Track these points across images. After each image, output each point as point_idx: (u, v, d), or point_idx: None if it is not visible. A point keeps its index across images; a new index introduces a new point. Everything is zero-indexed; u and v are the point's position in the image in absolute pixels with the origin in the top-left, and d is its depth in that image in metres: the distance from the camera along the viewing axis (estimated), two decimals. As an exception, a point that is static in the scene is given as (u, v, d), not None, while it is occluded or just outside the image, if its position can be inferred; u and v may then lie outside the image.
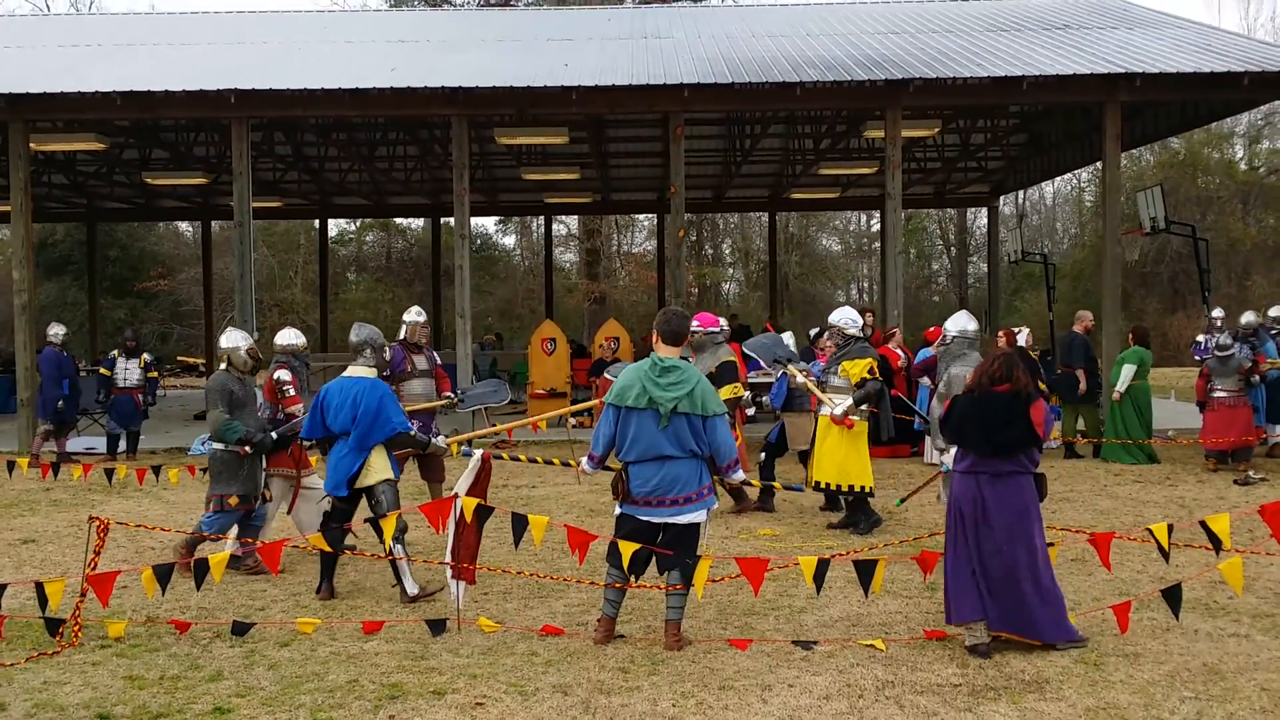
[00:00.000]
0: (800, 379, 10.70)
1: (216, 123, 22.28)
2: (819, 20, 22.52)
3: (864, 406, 10.11)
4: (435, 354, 11.75)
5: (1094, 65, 17.10)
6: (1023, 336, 14.89)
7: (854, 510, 10.25)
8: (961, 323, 8.63)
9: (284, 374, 9.46)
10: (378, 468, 7.95)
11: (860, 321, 10.67)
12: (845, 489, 10.13)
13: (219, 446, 8.75)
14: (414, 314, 11.71)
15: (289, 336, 9.87)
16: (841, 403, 10.04)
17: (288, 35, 21.72)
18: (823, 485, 10.25)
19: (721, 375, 10.52)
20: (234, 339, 9.04)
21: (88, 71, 18.26)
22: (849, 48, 19.30)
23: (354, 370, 8.15)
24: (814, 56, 18.60)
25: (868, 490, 10.15)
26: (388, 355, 8.59)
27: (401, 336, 11.55)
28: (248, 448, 8.64)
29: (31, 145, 17.98)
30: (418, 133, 24.89)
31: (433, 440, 8.65)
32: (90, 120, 19.17)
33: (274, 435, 8.87)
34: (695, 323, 10.78)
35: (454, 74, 17.58)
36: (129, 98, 16.67)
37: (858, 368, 10.16)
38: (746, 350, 12.02)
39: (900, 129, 17.37)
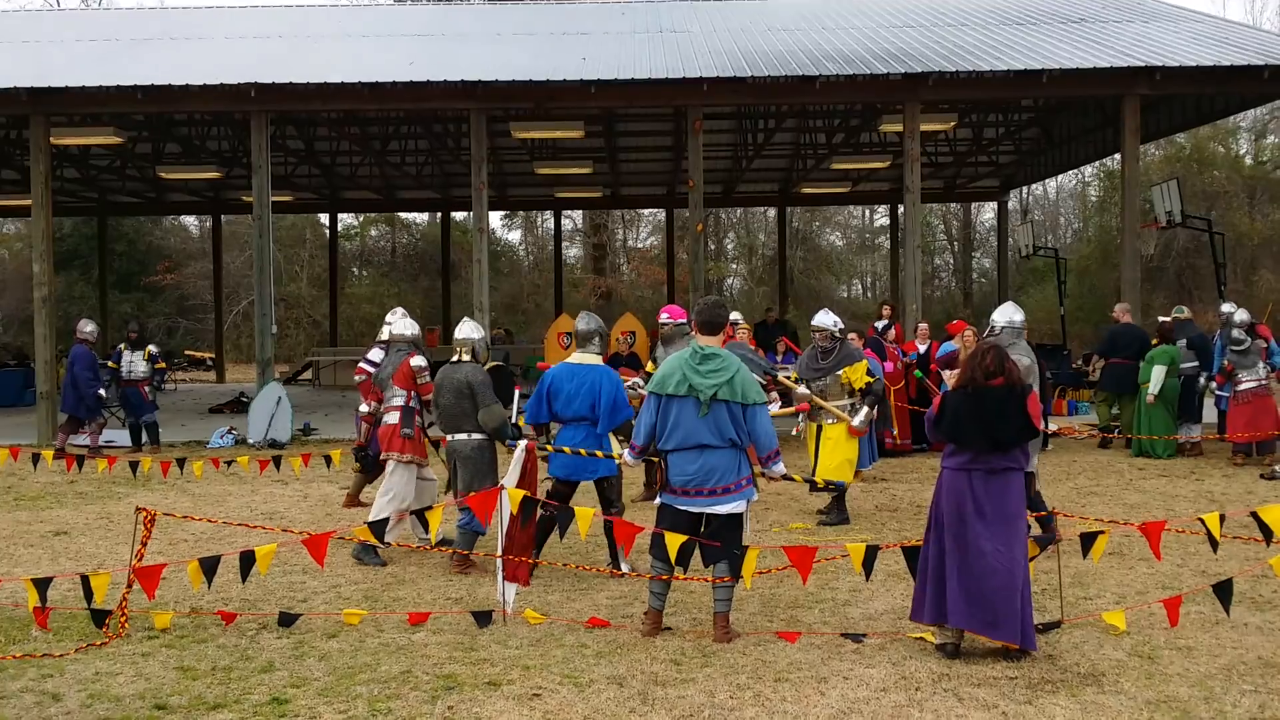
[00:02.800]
0: (803, 390, 10.50)
1: (231, 116, 22.27)
2: (835, 14, 22.48)
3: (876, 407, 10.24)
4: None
5: (1113, 59, 17.10)
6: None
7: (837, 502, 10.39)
8: (1009, 313, 8.64)
9: (420, 360, 9.30)
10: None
11: (841, 323, 10.73)
12: (835, 484, 10.05)
13: (481, 438, 8.60)
14: (400, 314, 11.53)
15: (409, 327, 9.71)
16: (859, 412, 10.18)
17: (303, 29, 21.69)
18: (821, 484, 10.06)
19: None
20: (471, 330, 8.88)
21: (107, 66, 18.27)
22: (866, 41, 19.29)
23: (583, 357, 8.29)
24: (831, 50, 18.59)
25: (846, 485, 10.29)
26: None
27: (385, 338, 11.33)
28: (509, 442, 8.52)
29: (50, 139, 17.95)
30: (431, 127, 24.87)
31: None
32: (109, 114, 19.16)
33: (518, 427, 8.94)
34: (664, 315, 11.17)
35: (472, 68, 17.54)
36: (149, 92, 16.67)
37: (858, 373, 10.27)
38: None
39: (919, 123, 17.36)
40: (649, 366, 12.27)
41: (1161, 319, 15.33)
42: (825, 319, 10.65)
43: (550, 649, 6.50)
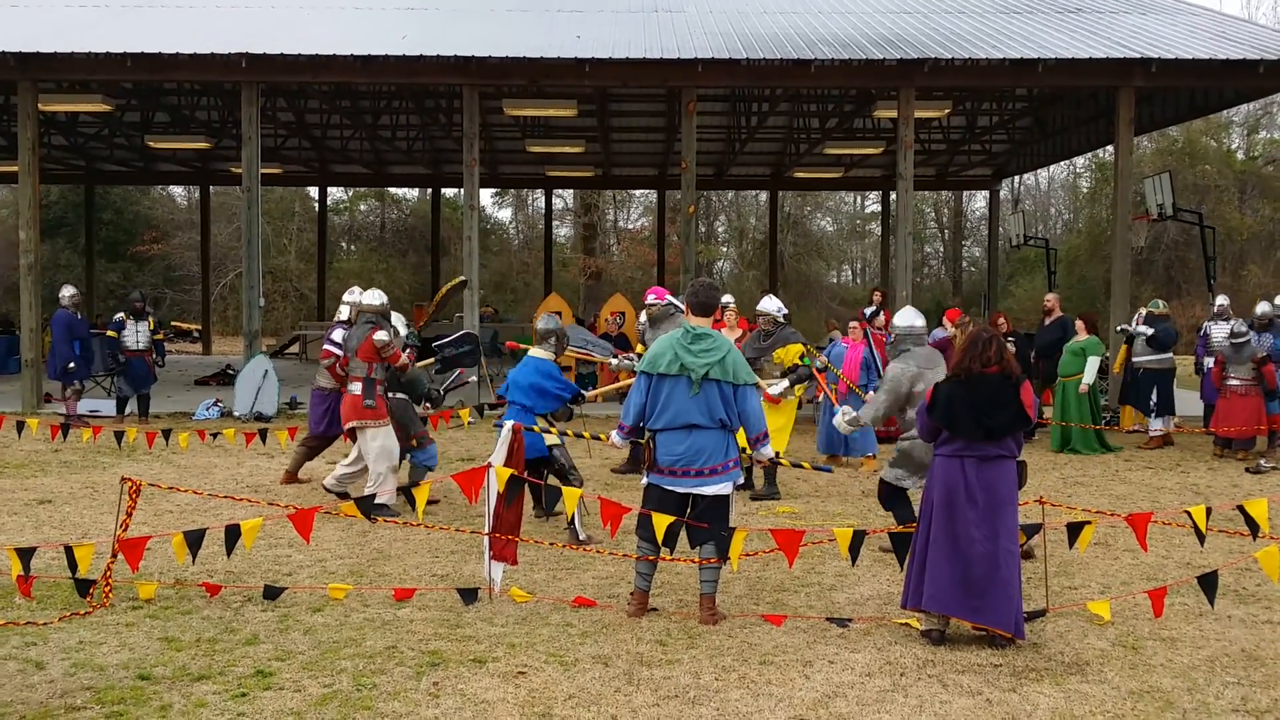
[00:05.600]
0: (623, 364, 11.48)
1: (221, 87, 22.14)
2: (830, -3, 22.41)
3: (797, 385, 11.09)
4: None
5: (1109, 49, 17.07)
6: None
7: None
8: (910, 318, 8.56)
9: (383, 334, 9.84)
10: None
11: (785, 309, 11.60)
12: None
13: None
14: (357, 294, 11.48)
15: (377, 297, 10.24)
16: (778, 385, 10.79)
17: (296, 0, 21.51)
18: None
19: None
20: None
21: (97, 32, 18.08)
22: (862, 25, 19.24)
23: (536, 351, 9.16)
24: (827, 34, 18.54)
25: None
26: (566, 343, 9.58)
27: (346, 317, 11.14)
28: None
29: (38, 105, 17.81)
30: (423, 102, 24.75)
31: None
32: (97, 81, 19.02)
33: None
34: (651, 297, 11.56)
35: (465, 43, 17.46)
36: (139, 59, 16.54)
37: (790, 353, 11.09)
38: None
39: (913, 109, 17.32)
40: (639, 349, 12.33)
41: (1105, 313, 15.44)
42: (768, 305, 11.49)
43: (536, 627, 6.49)
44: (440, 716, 5.17)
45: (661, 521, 6.56)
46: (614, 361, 12.08)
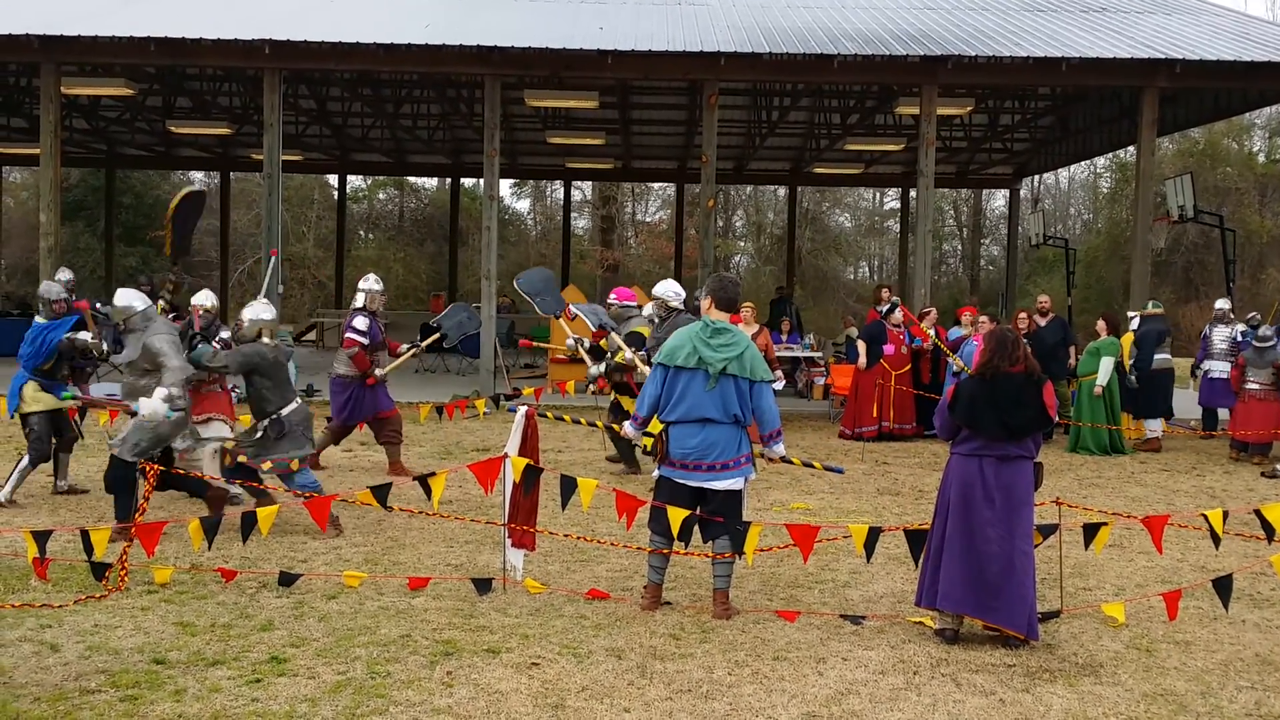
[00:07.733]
0: (629, 354, 11.19)
1: (244, 73, 22.17)
2: (854, -7, 22.33)
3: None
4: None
5: (1133, 49, 17.00)
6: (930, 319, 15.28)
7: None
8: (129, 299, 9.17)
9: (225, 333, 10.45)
10: (29, 398, 9.67)
11: (682, 294, 11.37)
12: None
13: None
14: (373, 282, 11.50)
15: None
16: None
17: (319, -13, 21.53)
18: None
19: (629, 342, 11.34)
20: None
21: (121, 16, 18.12)
22: (885, 21, 19.18)
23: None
24: (850, 29, 18.47)
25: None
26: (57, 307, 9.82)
27: (361, 304, 11.22)
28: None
29: (61, 88, 17.88)
30: (444, 91, 24.76)
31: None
32: (120, 65, 19.08)
33: None
34: (612, 297, 11.77)
35: (488, 33, 17.44)
36: (162, 44, 16.57)
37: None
38: (575, 309, 13.05)
39: (936, 106, 17.26)
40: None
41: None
42: (663, 289, 11.34)
43: (549, 619, 6.50)
44: (453, 706, 5.18)
45: (677, 515, 6.56)
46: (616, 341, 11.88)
